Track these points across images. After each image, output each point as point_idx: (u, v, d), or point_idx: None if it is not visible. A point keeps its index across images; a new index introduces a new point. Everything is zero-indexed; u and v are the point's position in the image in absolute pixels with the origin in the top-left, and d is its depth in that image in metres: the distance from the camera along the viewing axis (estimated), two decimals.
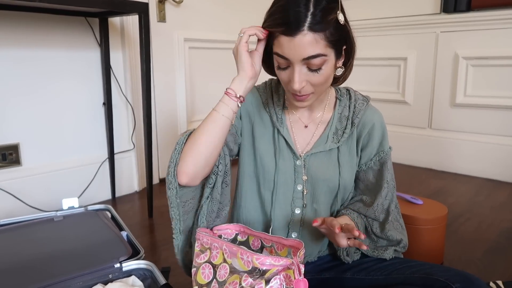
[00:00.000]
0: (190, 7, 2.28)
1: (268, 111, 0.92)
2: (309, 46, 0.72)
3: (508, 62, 2.16)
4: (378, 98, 2.69)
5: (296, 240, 0.76)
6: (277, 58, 0.77)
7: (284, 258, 0.67)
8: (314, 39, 0.71)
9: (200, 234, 0.81)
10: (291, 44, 0.72)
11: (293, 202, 0.91)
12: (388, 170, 0.93)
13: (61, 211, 1.27)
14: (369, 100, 0.94)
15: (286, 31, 0.72)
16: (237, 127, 0.92)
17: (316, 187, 0.90)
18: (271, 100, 0.93)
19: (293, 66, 0.75)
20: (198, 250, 0.80)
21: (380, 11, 2.62)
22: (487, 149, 2.29)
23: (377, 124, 0.92)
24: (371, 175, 0.93)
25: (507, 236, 1.56)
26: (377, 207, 0.90)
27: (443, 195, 2.03)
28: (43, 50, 1.71)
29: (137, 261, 0.98)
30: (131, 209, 1.88)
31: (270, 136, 0.92)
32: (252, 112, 0.94)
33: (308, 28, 0.70)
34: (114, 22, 1.92)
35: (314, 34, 0.71)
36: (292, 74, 0.76)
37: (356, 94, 0.95)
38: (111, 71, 1.91)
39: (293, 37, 0.71)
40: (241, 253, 0.70)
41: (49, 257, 0.98)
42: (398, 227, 0.94)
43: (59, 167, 1.81)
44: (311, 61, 0.73)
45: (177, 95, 2.29)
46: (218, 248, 0.76)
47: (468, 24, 2.26)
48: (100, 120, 1.94)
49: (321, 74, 0.76)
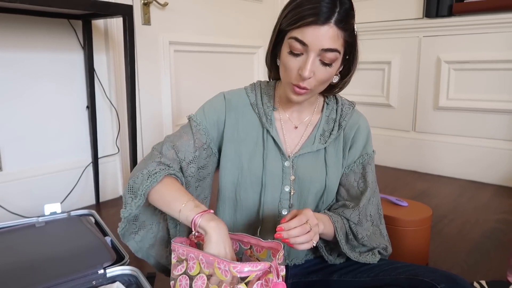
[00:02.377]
0: (175, 10, 2.27)
1: (257, 112, 0.92)
2: (331, 39, 0.75)
3: (488, 66, 2.21)
4: (363, 102, 2.72)
5: (275, 242, 0.75)
6: (293, 43, 0.78)
7: (262, 262, 0.66)
8: (337, 34, 0.76)
9: (175, 245, 0.78)
10: (316, 33, 0.75)
11: (280, 203, 0.91)
12: (371, 173, 0.93)
13: (43, 217, 1.24)
14: (355, 105, 0.96)
15: (316, 20, 0.74)
16: (210, 136, 0.91)
17: (303, 188, 0.91)
18: (260, 101, 0.93)
19: (307, 54, 0.77)
20: (175, 261, 0.78)
21: (364, 16, 2.65)
22: (470, 151, 2.33)
23: (362, 127, 0.94)
24: (353, 178, 0.94)
25: (489, 237, 1.58)
26: (360, 210, 0.90)
27: (427, 197, 2.05)
28: (24, 53, 1.67)
29: (121, 267, 0.96)
30: (115, 214, 1.86)
31: (258, 137, 0.92)
32: (234, 117, 0.92)
33: (334, 22, 0.75)
34: (97, 25, 1.90)
35: (338, 30, 0.76)
36: (304, 62, 0.77)
37: (343, 99, 0.97)
38: (95, 74, 1.89)
39: (321, 27, 0.74)
40: (217, 262, 0.68)
41: (31, 264, 0.95)
42: (376, 233, 0.94)
43: (42, 172, 1.78)
44: (327, 54, 0.76)
45: (162, 98, 2.27)
46: (195, 259, 0.73)
47: (450, 29, 2.30)
48: (83, 124, 1.91)
49: (328, 71, 0.79)
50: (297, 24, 0.76)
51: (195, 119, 0.91)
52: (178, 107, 2.38)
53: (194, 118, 0.92)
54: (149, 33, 2.15)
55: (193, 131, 0.90)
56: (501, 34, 2.15)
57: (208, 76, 2.49)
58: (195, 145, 0.89)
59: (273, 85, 0.95)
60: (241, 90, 0.96)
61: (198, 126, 0.90)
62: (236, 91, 0.96)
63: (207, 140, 0.90)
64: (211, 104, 0.93)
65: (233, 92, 0.95)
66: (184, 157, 0.88)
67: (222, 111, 0.92)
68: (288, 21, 0.78)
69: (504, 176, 2.23)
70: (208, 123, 0.91)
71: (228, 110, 0.92)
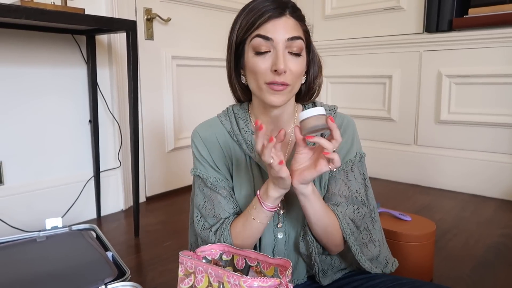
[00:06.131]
0: (178, 25, 2.29)
1: (236, 140, 0.88)
2: (292, 27, 0.78)
3: (489, 80, 2.22)
4: (364, 115, 2.72)
5: (283, 259, 0.74)
6: (256, 42, 0.78)
7: (272, 278, 0.65)
8: (295, 24, 0.79)
9: (183, 258, 0.77)
10: (277, 25, 0.77)
11: (274, 227, 0.88)
12: (355, 182, 0.86)
13: (44, 231, 1.24)
14: (336, 108, 0.92)
15: (272, 15, 0.77)
16: (222, 178, 0.90)
17: (293, 204, 0.87)
18: (236, 127, 0.89)
19: (275, 49, 0.77)
20: (182, 274, 0.77)
21: (365, 31, 2.68)
22: (472, 165, 2.33)
23: (347, 131, 0.89)
24: (333, 185, 0.87)
25: (494, 252, 1.57)
26: (341, 220, 0.84)
27: (430, 211, 2.04)
28: (29, 67, 1.69)
29: (123, 283, 0.95)
30: (117, 228, 1.85)
31: (244, 165, 0.89)
32: (217, 152, 0.90)
33: (289, 13, 0.79)
34: (101, 40, 1.92)
35: (295, 20, 0.79)
36: (275, 57, 0.77)
37: (323, 105, 0.92)
38: (98, 89, 1.90)
39: (279, 19, 0.77)
40: (227, 276, 0.68)
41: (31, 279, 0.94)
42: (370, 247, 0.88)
43: (43, 185, 1.77)
44: (293, 42, 0.78)
45: (164, 112, 2.28)
46: (203, 272, 0.73)
47: (450, 43, 2.32)
48: (86, 138, 1.91)
49: (299, 62, 0.79)
50: (255, 25, 0.78)
51: (202, 176, 0.89)
52: (180, 121, 2.39)
53: (202, 175, 0.89)
54: (152, 48, 2.17)
55: (212, 188, 0.89)
56: (501, 49, 2.17)
57: (210, 90, 2.51)
58: (224, 198, 0.88)
59: (246, 107, 0.91)
60: (214, 120, 0.92)
61: (210, 179, 0.89)
62: (210, 122, 0.93)
63: (224, 184, 0.89)
64: (198, 152, 0.90)
65: (207, 125, 0.92)
66: (227, 208, 0.88)
67: (207, 154, 0.89)
68: (244, 28, 0.79)
69: (506, 190, 2.22)
70: (213, 171, 0.89)
71: (210, 148, 0.90)
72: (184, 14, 2.31)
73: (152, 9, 2.15)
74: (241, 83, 0.87)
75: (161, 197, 2.30)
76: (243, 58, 0.82)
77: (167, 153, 2.33)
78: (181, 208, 2.12)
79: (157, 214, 2.02)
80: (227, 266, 0.83)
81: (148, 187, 2.25)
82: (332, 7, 2.84)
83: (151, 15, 2.13)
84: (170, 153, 2.34)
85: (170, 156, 2.35)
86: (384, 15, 2.59)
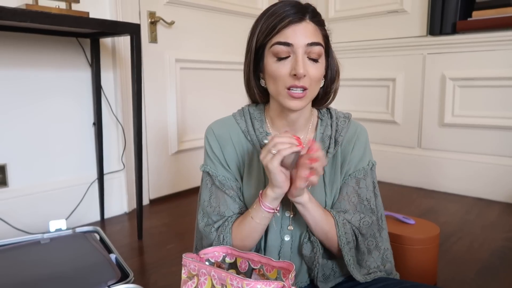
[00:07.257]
0: (182, 28, 2.30)
1: (250, 139, 0.89)
2: (311, 33, 0.79)
3: (493, 83, 2.21)
4: (367, 118, 2.72)
5: (286, 262, 0.74)
6: (277, 48, 0.78)
7: (275, 281, 0.65)
8: (315, 29, 0.80)
9: (186, 260, 0.77)
10: (297, 31, 0.78)
11: (282, 229, 0.88)
12: (366, 190, 0.88)
13: (48, 234, 1.24)
14: (350, 117, 0.93)
15: (293, 20, 0.77)
16: (231, 177, 0.91)
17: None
18: (251, 128, 0.90)
19: (295, 54, 0.78)
20: (186, 277, 0.78)
21: (369, 34, 2.68)
22: (476, 168, 2.32)
23: (360, 139, 0.90)
24: (345, 192, 0.88)
25: (499, 256, 1.56)
26: (352, 224, 0.86)
27: (434, 214, 2.03)
28: (33, 70, 1.70)
29: (126, 285, 0.95)
30: (120, 231, 1.85)
31: (256, 166, 0.89)
32: (230, 150, 0.90)
33: (309, 18, 0.79)
34: (105, 43, 1.93)
35: (315, 26, 0.80)
36: (294, 61, 0.78)
37: (337, 112, 0.93)
38: (102, 91, 1.91)
39: (299, 24, 0.78)
40: (230, 279, 0.68)
41: (35, 281, 0.95)
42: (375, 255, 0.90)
43: (47, 188, 1.78)
44: (313, 48, 0.78)
45: (168, 115, 2.29)
46: (206, 274, 0.73)
47: (454, 46, 2.32)
48: (90, 140, 1.92)
49: (318, 67, 0.80)
50: (275, 30, 0.78)
51: (211, 173, 0.90)
52: (183, 124, 2.39)
53: (211, 173, 0.90)
54: (155, 51, 2.18)
55: (219, 186, 0.89)
56: (505, 52, 2.16)
57: (214, 93, 2.51)
58: (231, 198, 0.89)
59: (263, 109, 0.92)
60: (229, 119, 0.93)
61: (219, 177, 0.89)
62: (225, 120, 0.93)
63: (232, 184, 0.90)
64: (210, 149, 0.91)
65: (222, 123, 0.93)
66: (233, 207, 0.89)
67: (219, 152, 0.90)
68: (264, 33, 0.80)
69: (511, 194, 2.21)
70: (223, 169, 0.90)
71: (223, 146, 0.90)
72: (187, 18, 2.32)
73: (156, 12, 2.15)
74: (260, 86, 0.88)
75: (165, 199, 2.30)
76: (262, 62, 0.83)
77: (170, 155, 2.33)
78: (184, 210, 2.12)
79: (160, 217, 2.03)
80: (230, 268, 0.83)
81: (152, 190, 2.26)
82: (335, 10, 2.85)
83: (155, 18, 2.14)
84: (173, 155, 2.35)
85: (174, 159, 2.35)
86: (387, 18, 2.59)
